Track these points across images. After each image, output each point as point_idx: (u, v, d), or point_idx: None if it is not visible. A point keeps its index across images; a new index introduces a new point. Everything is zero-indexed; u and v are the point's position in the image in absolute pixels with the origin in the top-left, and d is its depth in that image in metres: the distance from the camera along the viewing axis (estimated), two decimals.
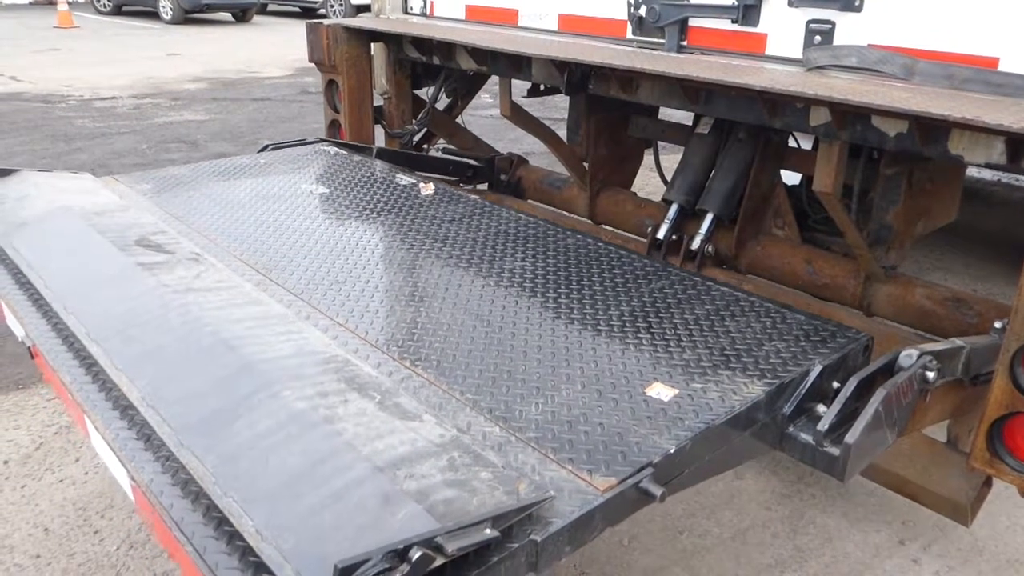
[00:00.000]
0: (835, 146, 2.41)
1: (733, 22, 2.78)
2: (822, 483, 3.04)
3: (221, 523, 1.33)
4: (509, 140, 7.42)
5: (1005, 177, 7.13)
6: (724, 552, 2.68)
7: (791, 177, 3.37)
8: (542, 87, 3.95)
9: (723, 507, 2.89)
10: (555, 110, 6.61)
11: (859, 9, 2.46)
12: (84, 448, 3.11)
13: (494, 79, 3.66)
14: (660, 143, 4.00)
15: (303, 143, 3.68)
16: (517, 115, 3.60)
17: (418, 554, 1.06)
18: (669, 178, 3.38)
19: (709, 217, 3.12)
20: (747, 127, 3.01)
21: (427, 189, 3.08)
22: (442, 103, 4.21)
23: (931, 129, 2.14)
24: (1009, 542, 2.76)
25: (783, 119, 2.49)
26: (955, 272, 5.17)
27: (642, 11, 3.01)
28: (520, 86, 3.74)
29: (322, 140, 3.69)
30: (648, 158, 4.13)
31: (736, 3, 2.73)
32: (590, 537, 1.37)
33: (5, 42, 15.27)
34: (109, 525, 2.72)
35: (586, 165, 3.75)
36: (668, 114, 3.67)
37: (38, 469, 3.00)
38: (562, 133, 3.96)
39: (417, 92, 4.15)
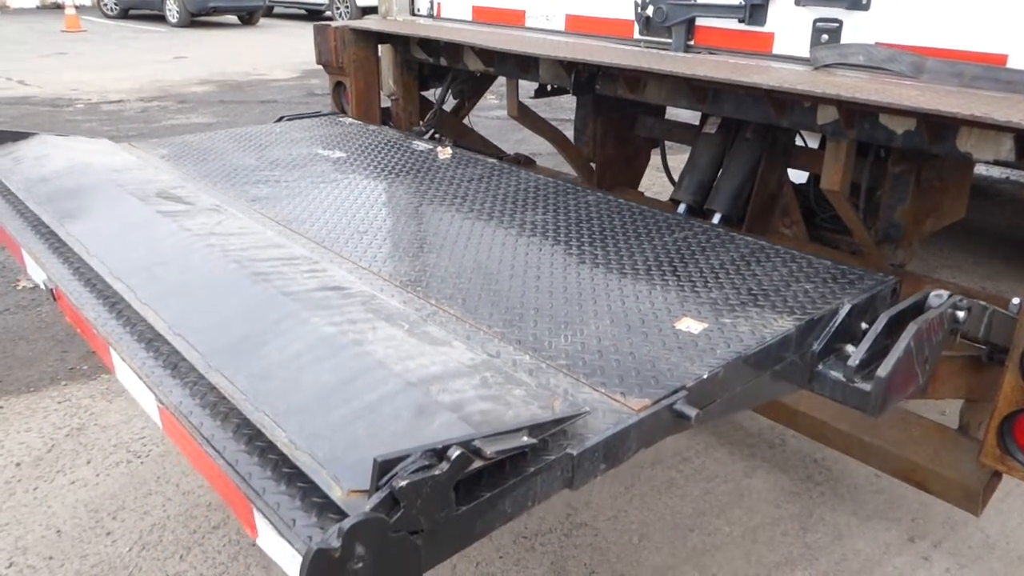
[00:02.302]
0: (843, 144, 2.40)
1: (740, 21, 2.78)
2: (831, 481, 3.04)
3: (252, 439, 1.33)
4: (515, 141, 7.43)
5: (1014, 174, 7.10)
6: (734, 550, 2.68)
7: (798, 176, 3.37)
8: (549, 88, 3.95)
9: (733, 505, 2.89)
10: (562, 111, 6.61)
11: (866, 7, 2.46)
12: (95, 450, 3.13)
13: (501, 80, 3.67)
14: (667, 143, 4.00)
15: (318, 115, 3.71)
16: (524, 116, 3.60)
17: (457, 452, 1.05)
18: (676, 178, 3.39)
19: (717, 216, 3.12)
20: (754, 126, 3.02)
21: (444, 153, 3.08)
22: (449, 104, 4.22)
23: (939, 127, 2.14)
24: (1021, 539, 2.76)
25: (790, 118, 2.49)
26: (964, 270, 5.16)
27: (649, 11, 3.01)
28: (527, 87, 3.74)
29: (336, 113, 3.71)
30: (655, 158, 4.13)
31: (743, 2, 2.74)
32: (625, 456, 1.36)
33: (13, 46, 15.35)
34: (121, 527, 2.73)
35: (593, 165, 3.75)
36: (675, 114, 3.68)
37: (50, 471, 3.02)
38: (569, 134, 3.97)
39: (424, 93, 4.17)
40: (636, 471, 3.06)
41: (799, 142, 3.24)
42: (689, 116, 3.55)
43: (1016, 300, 1.94)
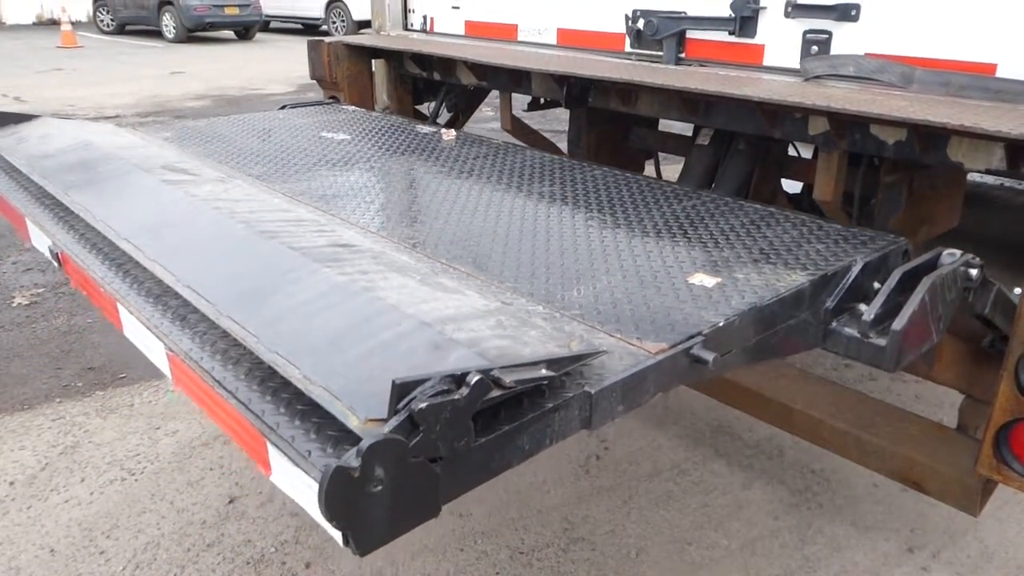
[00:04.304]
0: (835, 155, 2.41)
1: (730, 34, 2.79)
2: (830, 492, 3.02)
3: (264, 380, 1.32)
4: None
5: (1008, 180, 7.12)
6: (732, 564, 2.67)
7: (792, 186, 3.37)
8: (542, 101, 3.97)
9: (731, 518, 2.88)
10: (556, 122, 6.63)
11: (856, 19, 2.47)
12: (89, 468, 3.12)
13: (495, 93, 3.68)
14: (661, 154, 4.01)
15: (320, 103, 3.73)
16: (518, 128, 3.62)
17: (476, 378, 1.03)
18: None
19: None
20: (747, 137, 3.02)
21: (448, 135, 3.09)
22: (443, 117, 4.23)
23: (930, 136, 2.14)
24: (1019, 548, 2.74)
25: (782, 129, 2.49)
26: None
27: (640, 24, 3.02)
28: (520, 99, 3.75)
29: (338, 102, 3.73)
30: (649, 168, 4.13)
31: (733, 15, 2.75)
32: (642, 399, 1.34)
33: (9, 62, 15.39)
34: (115, 546, 2.71)
35: None
36: (668, 125, 3.68)
37: (44, 490, 3.00)
38: (563, 145, 3.98)
39: (418, 107, 4.18)
40: (634, 484, 3.05)
41: (792, 152, 3.25)
42: (683, 127, 3.56)
43: (1018, 290, 1.94)
